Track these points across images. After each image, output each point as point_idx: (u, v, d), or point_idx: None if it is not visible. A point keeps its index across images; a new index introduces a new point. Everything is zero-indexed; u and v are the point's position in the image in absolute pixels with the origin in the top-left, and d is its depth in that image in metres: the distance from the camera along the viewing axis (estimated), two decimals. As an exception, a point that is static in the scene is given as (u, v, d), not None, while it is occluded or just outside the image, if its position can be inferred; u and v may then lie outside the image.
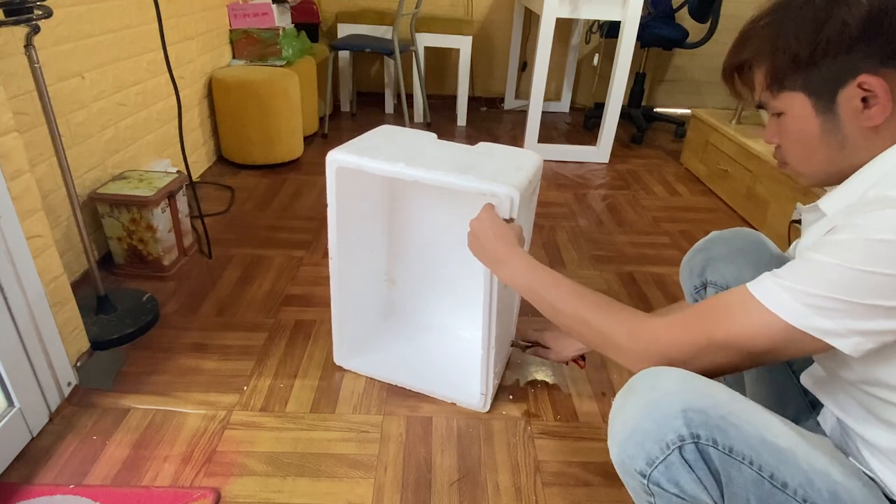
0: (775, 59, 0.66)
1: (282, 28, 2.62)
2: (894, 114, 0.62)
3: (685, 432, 0.61)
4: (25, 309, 1.06)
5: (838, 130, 0.65)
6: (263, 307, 1.55)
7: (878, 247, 0.55)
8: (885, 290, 0.55)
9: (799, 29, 0.64)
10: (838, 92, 0.63)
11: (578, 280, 0.80)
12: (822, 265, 0.58)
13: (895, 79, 0.60)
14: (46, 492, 0.99)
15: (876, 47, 0.60)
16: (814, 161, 0.69)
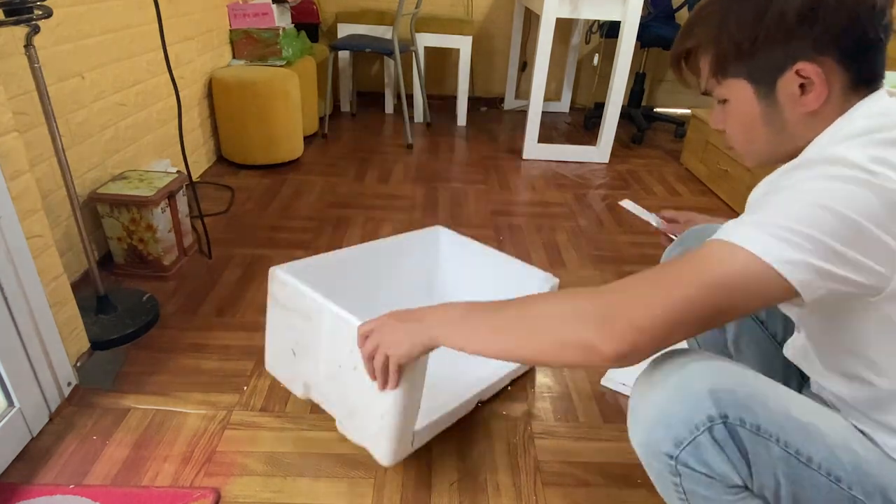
0: (719, 48, 0.69)
1: (282, 28, 2.62)
2: (830, 99, 0.64)
3: (714, 412, 0.61)
4: (25, 309, 1.06)
5: (778, 115, 0.68)
6: (263, 307, 1.54)
7: (834, 186, 0.56)
8: (840, 232, 0.55)
9: (740, 18, 0.66)
10: (778, 79, 0.66)
11: (578, 280, 0.80)
12: (776, 198, 0.59)
13: (831, 66, 0.63)
14: (46, 492, 0.99)
15: (811, 36, 0.63)
16: (756, 144, 0.72)
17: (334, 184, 2.39)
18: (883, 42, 0.64)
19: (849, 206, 0.55)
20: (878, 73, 0.65)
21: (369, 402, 0.94)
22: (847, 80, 0.64)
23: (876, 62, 0.64)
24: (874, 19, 0.62)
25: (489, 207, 2.25)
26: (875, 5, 0.62)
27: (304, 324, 1.04)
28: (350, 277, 1.28)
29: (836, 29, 0.62)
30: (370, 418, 0.95)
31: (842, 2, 0.61)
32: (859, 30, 0.62)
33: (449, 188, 2.42)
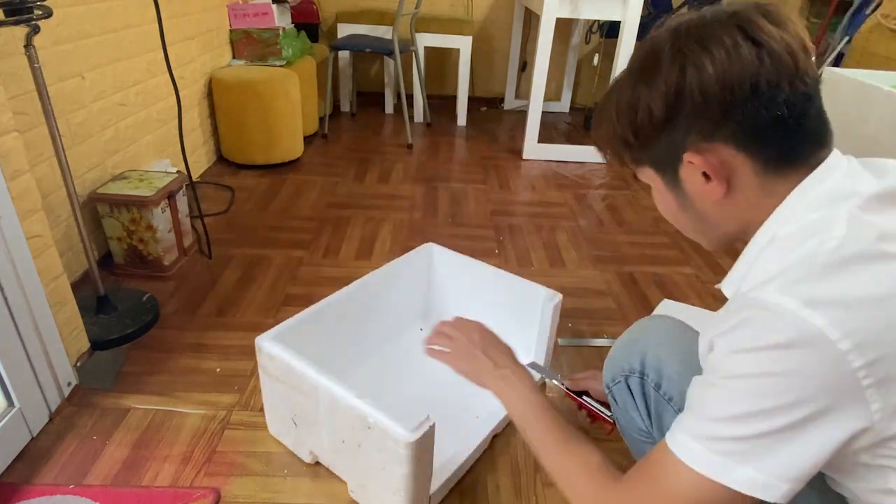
0: (612, 144, 0.67)
1: (282, 28, 2.62)
2: (739, 185, 0.59)
3: (637, 368, 0.81)
4: (25, 309, 1.06)
5: (691, 204, 0.64)
6: (263, 307, 1.55)
7: (754, 356, 0.52)
8: (778, 408, 0.50)
9: (620, 114, 0.64)
10: (678, 168, 0.62)
11: (578, 280, 0.80)
12: (709, 390, 0.55)
13: (726, 151, 0.58)
14: (46, 492, 0.99)
15: (689, 125, 0.59)
16: (689, 230, 0.69)
17: (334, 184, 2.39)
18: (791, 121, 0.56)
19: (789, 386, 0.50)
20: (798, 149, 0.58)
21: (380, 478, 0.92)
22: (755, 164, 0.58)
23: (787, 142, 0.57)
24: (760, 99, 0.55)
25: (489, 207, 2.25)
26: (756, 85, 0.55)
27: (300, 397, 0.99)
28: (342, 322, 1.22)
29: (711, 116, 0.57)
30: (384, 492, 0.93)
31: (706, 90, 0.56)
32: (743, 113, 0.56)
33: (449, 188, 2.42)
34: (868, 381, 0.49)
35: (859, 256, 0.51)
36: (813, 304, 0.49)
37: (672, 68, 0.58)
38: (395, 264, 1.33)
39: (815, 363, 0.49)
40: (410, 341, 1.40)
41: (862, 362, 0.48)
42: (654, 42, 0.61)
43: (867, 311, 0.49)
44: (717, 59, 0.55)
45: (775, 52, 0.55)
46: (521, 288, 1.27)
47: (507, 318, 1.31)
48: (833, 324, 0.48)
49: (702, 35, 0.57)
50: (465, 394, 1.19)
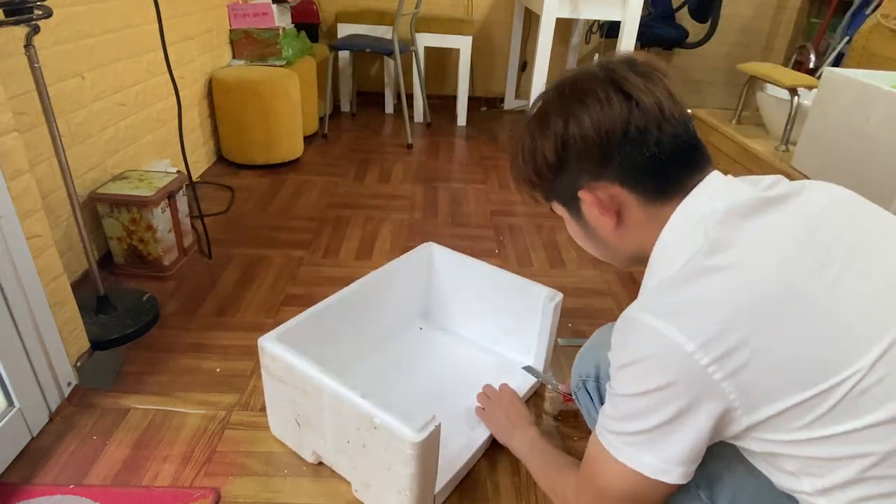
0: (521, 183, 0.77)
1: (282, 28, 2.62)
2: (628, 216, 0.70)
3: (592, 373, 0.92)
4: (25, 309, 1.06)
5: (594, 233, 0.75)
6: (263, 307, 1.55)
7: (630, 371, 0.62)
8: (650, 407, 0.61)
9: (524, 159, 0.74)
10: (578, 203, 0.72)
11: (578, 280, 0.81)
12: (612, 398, 0.66)
13: (613, 188, 0.68)
14: (46, 492, 0.99)
15: (579, 168, 0.69)
16: (597, 254, 0.80)
17: (334, 184, 2.39)
18: (664, 158, 0.65)
19: (660, 394, 0.59)
20: (674, 180, 0.67)
21: (385, 478, 0.92)
22: (638, 197, 0.68)
23: (662, 176, 0.66)
24: (632, 143, 0.65)
25: (489, 207, 2.25)
26: (627, 131, 0.64)
27: (303, 398, 0.99)
28: (343, 322, 1.22)
29: (594, 159, 0.67)
30: (389, 493, 0.93)
31: (586, 137, 0.66)
32: (620, 155, 0.66)
33: (449, 188, 2.42)
34: (719, 375, 0.56)
35: (695, 272, 0.60)
36: (662, 315, 0.59)
37: (558, 120, 0.68)
38: (395, 264, 1.33)
39: (672, 367, 0.58)
40: (410, 341, 1.40)
41: (708, 360, 0.56)
42: (545, 96, 0.73)
43: (705, 314, 0.57)
44: (593, 111, 0.65)
45: (642, 101, 0.64)
46: (522, 287, 1.26)
47: (507, 317, 1.31)
48: (679, 329, 0.57)
49: (580, 90, 0.67)
50: (465, 393, 1.20)
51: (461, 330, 1.43)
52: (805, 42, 3.39)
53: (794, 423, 0.57)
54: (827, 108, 1.74)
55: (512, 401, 1.13)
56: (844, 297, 0.57)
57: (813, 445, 0.58)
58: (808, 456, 0.59)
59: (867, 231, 0.63)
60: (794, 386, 0.56)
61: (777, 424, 0.58)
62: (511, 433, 1.06)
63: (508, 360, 1.33)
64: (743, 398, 0.57)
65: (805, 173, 1.85)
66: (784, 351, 0.56)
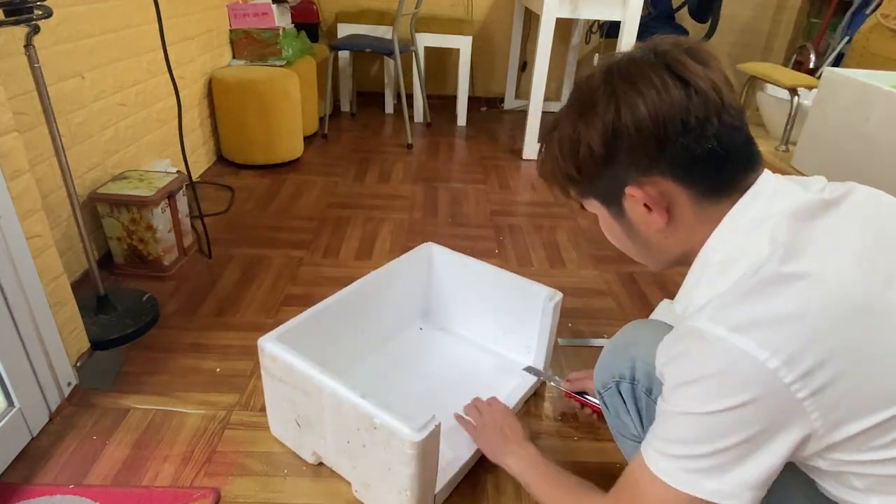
0: (557, 179, 0.71)
1: (282, 28, 2.63)
2: (679, 214, 0.64)
3: (627, 374, 0.84)
4: (25, 309, 1.06)
5: (637, 233, 0.69)
6: (263, 307, 1.55)
7: (697, 388, 0.56)
8: (725, 428, 0.55)
9: (562, 151, 0.67)
10: (622, 200, 0.66)
11: (578, 280, 0.80)
12: (670, 418, 0.59)
13: (665, 184, 0.62)
14: (46, 492, 0.99)
15: (628, 160, 0.63)
16: (636, 255, 0.74)
17: (334, 184, 2.39)
18: (722, 152, 0.60)
19: (733, 416, 0.54)
20: (730, 177, 0.62)
21: (385, 478, 0.92)
22: (691, 194, 0.62)
23: (719, 172, 0.61)
24: (691, 134, 0.59)
25: (489, 207, 2.25)
26: (686, 120, 0.59)
27: (303, 398, 0.98)
28: (343, 322, 1.22)
29: (647, 151, 0.61)
30: (389, 493, 0.93)
31: (641, 127, 0.60)
32: (676, 147, 0.60)
33: (449, 188, 2.42)
34: (803, 394, 0.52)
35: (770, 281, 0.55)
36: (739, 329, 0.53)
37: (608, 108, 0.61)
38: (395, 264, 1.33)
39: (751, 386, 0.52)
40: (410, 341, 1.40)
41: (792, 377, 0.51)
42: (589, 82, 0.65)
43: (788, 328, 0.52)
44: (649, 98, 0.59)
45: (702, 89, 0.59)
46: (522, 287, 1.26)
47: (507, 317, 1.31)
48: (760, 344, 0.52)
49: (632, 75, 0.61)
50: (465, 393, 1.20)
51: (461, 330, 1.43)
52: (805, 42, 3.39)
53: (874, 443, 0.54)
54: (827, 108, 1.74)
55: (505, 416, 1.06)
56: None
57: (890, 465, 0.54)
58: (883, 474, 0.55)
59: None
60: (879, 403, 0.52)
61: (855, 444, 0.54)
62: (505, 450, 0.98)
63: (508, 359, 1.33)
64: (825, 418, 0.53)
65: (805, 173, 1.85)
66: (869, 366, 0.52)
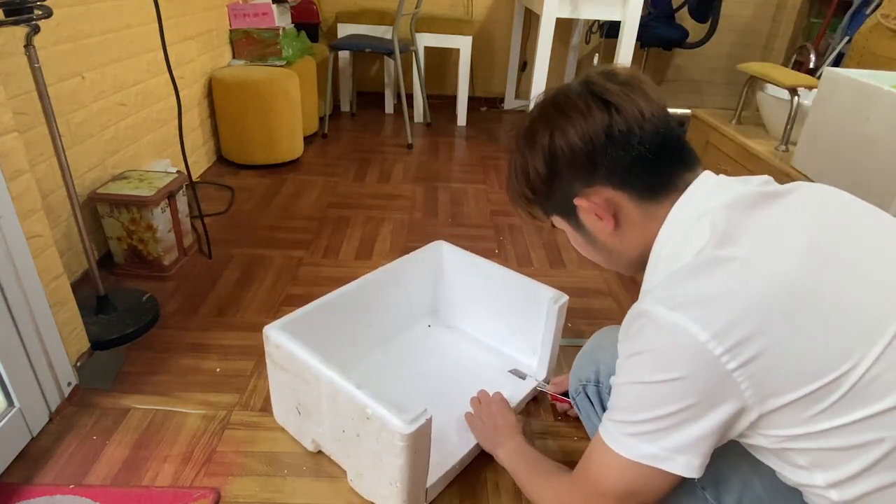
0: (519, 202, 0.80)
1: (282, 28, 2.62)
2: (625, 217, 0.71)
3: (592, 377, 0.93)
4: (25, 309, 1.06)
5: (595, 239, 0.76)
6: (263, 307, 1.55)
7: (641, 359, 0.62)
8: (661, 397, 0.61)
9: (517, 175, 0.77)
10: (576, 212, 0.74)
11: (578, 280, 0.81)
12: (619, 389, 0.66)
13: (606, 191, 0.70)
14: (46, 492, 0.99)
15: (570, 176, 0.71)
16: (603, 262, 0.81)
17: (334, 184, 2.39)
18: (650, 156, 0.67)
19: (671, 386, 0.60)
20: (665, 176, 0.69)
21: (377, 468, 0.93)
22: (632, 197, 0.70)
23: (653, 174, 0.69)
24: (617, 145, 0.67)
25: (489, 207, 2.25)
26: (610, 134, 0.67)
27: (303, 386, 1.01)
28: (350, 316, 1.23)
29: (583, 166, 0.69)
30: (380, 483, 0.94)
31: (572, 146, 0.69)
32: (607, 158, 0.68)
33: (449, 188, 2.42)
34: (732, 365, 0.57)
35: (704, 264, 0.61)
36: (676, 307, 0.59)
37: (544, 135, 0.71)
38: (404, 261, 1.34)
39: (685, 357, 0.58)
40: (418, 337, 1.41)
41: (721, 349, 0.56)
42: (531, 114, 0.75)
43: (718, 306, 0.58)
44: (576, 121, 0.69)
45: (622, 105, 0.67)
46: (528, 288, 1.26)
47: (513, 317, 1.32)
48: (693, 320, 0.58)
49: (562, 104, 0.71)
50: (466, 392, 1.20)
51: (469, 329, 1.43)
52: (805, 42, 3.39)
53: (804, 414, 0.58)
54: (827, 108, 1.74)
55: (500, 408, 1.10)
56: (850, 290, 0.58)
57: (824, 437, 0.58)
58: (820, 448, 0.59)
59: (866, 226, 0.65)
60: (805, 376, 0.56)
61: (787, 417, 0.58)
62: (495, 441, 1.03)
63: (514, 360, 1.33)
64: (754, 389, 0.57)
65: (805, 173, 1.85)
66: (794, 342, 0.56)
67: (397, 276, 1.33)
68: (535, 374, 1.28)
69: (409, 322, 1.42)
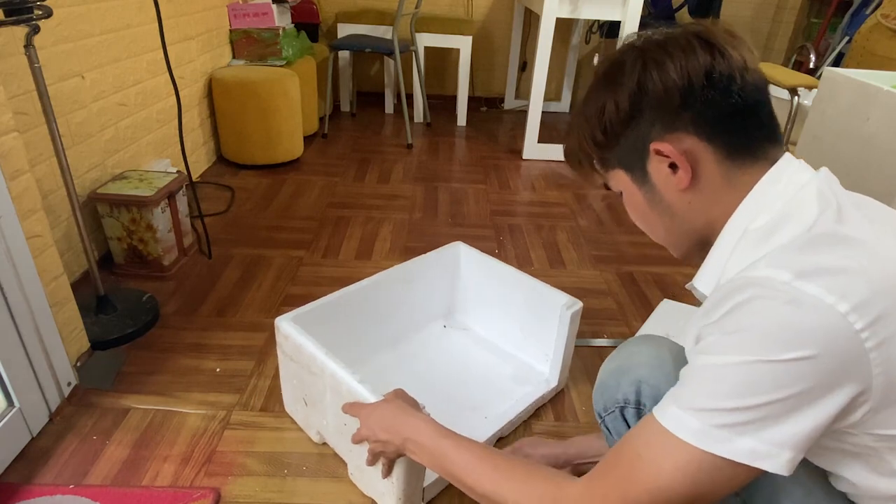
0: (584, 146, 0.70)
1: (282, 28, 2.62)
2: (704, 174, 0.63)
3: (632, 398, 0.77)
4: (25, 309, 1.06)
5: (660, 199, 0.67)
6: (263, 307, 1.55)
7: (753, 335, 0.52)
8: (780, 379, 0.50)
9: (590, 115, 0.68)
10: (646, 163, 0.66)
11: (578, 280, 0.80)
12: (708, 372, 0.54)
13: (689, 140, 0.62)
14: (46, 492, 0.99)
15: (653, 117, 0.63)
16: (659, 232, 0.71)
17: (334, 184, 2.39)
18: (746, 110, 0.60)
19: (795, 366, 0.50)
20: (755, 140, 0.62)
21: (377, 464, 0.94)
22: (717, 152, 0.62)
23: (744, 132, 0.61)
24: (715, 88, 0.60)
25: (489, 207, 2.25)
26: (710, 74, 0.60)
27: (309, 377, 1.03)
28: (363, 313, 1.25)
29: (672, 105, 0.61)
30: (378, 479, 0.94)
31: (666, 80, 0.61)
32: (701, 101, 0.60)
33: (449, 188, 2.42)
34: (871, 343, 0.49)
35: (830, 237, 0.54)
36: (804, 274, 0.51)
37: (635, 67, 0.63)
38: (421, 260, 1.35)
39: (820, 333, 0.49)
40: (432, 337, 1.42)
41: (863, 323, 0.49)
42: (619, 53, 0.67)
43: (853, 279, 0.51)
44: (675, 55, 0.61)
45: (727, 50, 0.60)
46: (543, 293, 1.26)
47: (528, 322, 1.33)
48: (828, 289, 0.50)
49: (661, 40, 0.63)
50: (472, 394, 1.20)
51: (483, 331, 1.44)
52: (805, 42, 3.39)
53: None
54: (827, 108, 1.74)
55: (400, 392, 0.92)
56: None
57: None
58: None
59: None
60: None
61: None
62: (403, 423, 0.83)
63: (526, 365, 1.33)
64: (885, 375, 0.51)
65: (805, 173, 1.86)
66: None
67: (413, 276, 1.34)
68: (548, 380, 1.28)
69: (424, 322, 1.43)
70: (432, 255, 1.37)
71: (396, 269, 1.30)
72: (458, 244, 1.42)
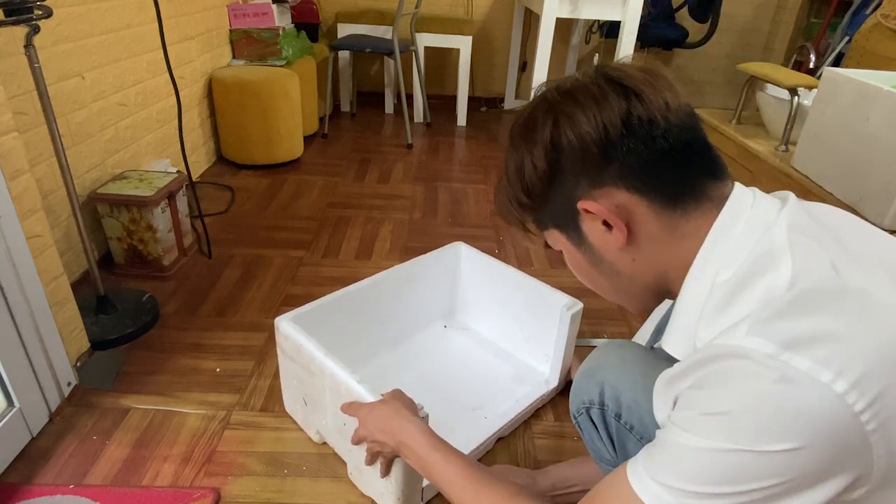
0: (512, 212, 0.66)
1: (282, 28, 2.62)
2: (640, 228, 0.57)
3: (596, 399, 0.79)
4: (25, 309, 1.06)
5: (601, 258, 0.62)
6: (263, 307, 1.55)
7: (731, 420, 0.46)
8: (768, 469, 0.45)
9: (511, 179, 0.63)
10: (578, 222, 0.60)
11: (578, 280, 0.79)
12: (680, 451, 0.49)
13: (620, 194, 0.56)
14: (46, 492, 0.99)
15: (575, 173, 0.58)
16: (609, 292, 0.67)
17: (334, 184, 2.39)
18: (677, 150, 0.55)
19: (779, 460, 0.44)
20: (692, 183, 0.56)
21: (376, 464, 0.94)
22: (651, 204, 0.56)
23: (679, 177, 0.56)
24: (635, 136, 0.54)
25: (489, 207, 2.25)
26: (628, 122, 0.54)
27: (309, 377, 1.03)
28: (364, 313, 1.25)
29: (592, 160, 0.56)
30: (376, 479, 0.94)
31: (581, 134, 0.56)
32: (622, 152, 0.55)
33: (449, 188, 2.42)
34: (872, 426, 0.43)
35: (820, 290, 0.47)
36: (791, 345, 0.44)
37: (546, 124, 0.58)
38: (421, 260, 1.35)
39: (811, 420, 0.43)
40: (432, 337, 1.42)
41: (864, 403, 0.42)
42: (530, 107, 0.62)
43: (847, 346, 0.44)
44: (587, 106, 0.56)
45: (643, 93, 0.55)
46: (543, 293, 1.26)
47: (529, 322, 1.33)
48: (821, 363, 0.43)
49: (570, 90, 0.58)
50: (472, 395, 1.20)
51: (484, 332, 1.44)
52: (805, 42, 3.39)
53: None
54: (827, 108, 1.74)
55: (398, 392, 0.91)
56: None
57: None
58: None
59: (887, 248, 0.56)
60: None
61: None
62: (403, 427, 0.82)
63: (526, 366, 1.33)
64: (888, 458, 0.44)
65: (805, 173, 1.85)
66: None
67: (413, 276, 1.34)
68: (548, 380, 1.28)
69: (425, 322, 1.43)
70: (432, 256, 1.37)
71: (396, 269, 1.30)
72: (458, 244, 1.42)
